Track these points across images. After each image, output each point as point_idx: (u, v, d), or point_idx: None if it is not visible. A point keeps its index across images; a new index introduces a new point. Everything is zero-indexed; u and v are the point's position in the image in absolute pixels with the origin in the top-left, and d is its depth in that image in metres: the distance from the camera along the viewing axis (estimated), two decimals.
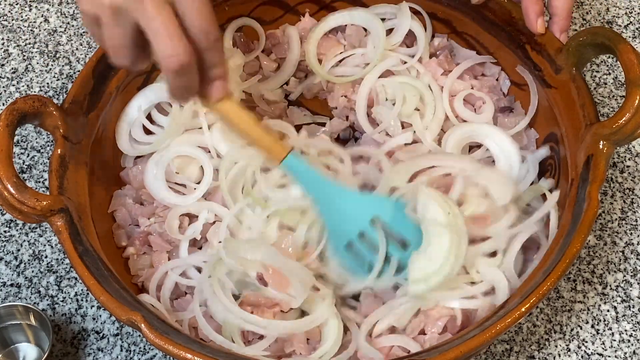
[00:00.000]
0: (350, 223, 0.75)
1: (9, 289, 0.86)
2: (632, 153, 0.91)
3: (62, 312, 0.84)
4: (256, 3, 0.91)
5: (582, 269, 0.85)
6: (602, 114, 0.94)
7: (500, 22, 0.84)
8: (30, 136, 0.96)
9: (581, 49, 0.76)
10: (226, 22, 0.91)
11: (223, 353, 0.68)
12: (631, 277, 0.84)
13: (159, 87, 0.86)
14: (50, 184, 0.74)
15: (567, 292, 0.83)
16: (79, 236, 0.72)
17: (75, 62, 1.01)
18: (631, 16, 1.02)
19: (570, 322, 0.82)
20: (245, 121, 0.72)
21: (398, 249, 0.75)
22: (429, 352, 0.66)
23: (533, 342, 0.81)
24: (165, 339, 0.65)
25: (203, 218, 0.80)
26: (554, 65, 0.80)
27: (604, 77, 0.97)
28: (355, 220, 0.75)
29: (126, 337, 0.82)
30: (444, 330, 0.74)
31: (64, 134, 0.76)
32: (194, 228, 0.80)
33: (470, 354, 0.66)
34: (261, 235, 0.77)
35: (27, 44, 1.03)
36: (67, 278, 0.86)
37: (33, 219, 0.71)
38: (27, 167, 0.93)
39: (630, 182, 0.90)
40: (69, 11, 1.05)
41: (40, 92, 0.99)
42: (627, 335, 0.81)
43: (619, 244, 0.86)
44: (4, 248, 0.88)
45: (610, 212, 0.88)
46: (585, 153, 0.73)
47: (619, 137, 0.72)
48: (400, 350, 0.73)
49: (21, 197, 0.69)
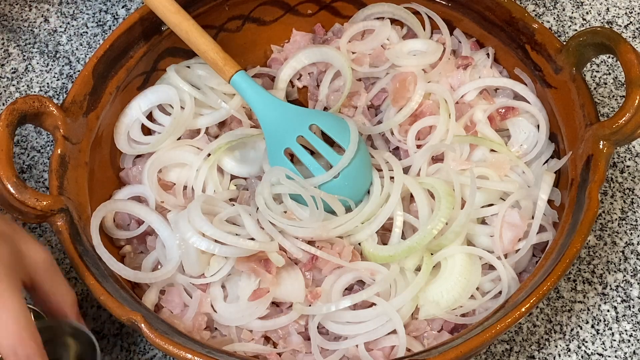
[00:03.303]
0: (290, 130, 0.79)
1: None
2: (632, 153, 0.91)
3: None
4: (256, 3, 0.91)
5: (582, 269, 0.85)
6: (602, 114, 0.94)
7: (500, 22, 0.84)
8: (30, 136, 0.96)
9: (581, 49, 0.76)
10: (226, 22, 0.91)
11: (223, 353, 0.68)
12: (631, 277, 0.84)
13: (159, 88, 0.86)
14: (50, 184, 0.74)
15: (567, 292, 0.83)
16: (79, 236, 0.73)
17: (75, 62, 1.01)
18: (631, 16, 1.02)
19: (570, 322, 0.82)
20: (203, 41, 0.80)
21: (333, 152, 0.78)
22: (429, 352, 0.66)
23: (533, 342, 0.81)
24: (165, 339, 0.65)
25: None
26: (554, 65, 0.80)
27: (604, 77, 0.97)
28: (295, 127, 0.79)
29: (126, 337, 0.82)
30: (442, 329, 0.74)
31: (64, 134, 0.76)
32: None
33: (470, 354, 0.66)
34: None
35: (27, 44, 1.03)
36: (67, 278, 0.86)
37: (33, 219, 0.71)
38: (27, 167, 0.93)
39: (630, 182, 0.90)
40: (69, 11, 1.05)
41: (40, 92, 0.99)
42: (627, 336, 0.81)
43: (619, 244, 0.86)
44: None
45: (610, 212, 0.88)
46: (585, 153, 0.73)
47: (619, 137, 0.72)
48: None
49: (21, 197, 0.69)
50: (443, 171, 0.80)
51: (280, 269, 0.75)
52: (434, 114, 0.83)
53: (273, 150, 0.80)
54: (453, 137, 0.82)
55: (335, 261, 0.75)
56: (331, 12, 0.94)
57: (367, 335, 0.73)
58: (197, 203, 0.76)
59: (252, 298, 0.74)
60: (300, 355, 0.74)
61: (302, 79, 0.93)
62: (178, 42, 0.83)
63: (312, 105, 0.91)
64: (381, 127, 0.85)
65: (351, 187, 0.78)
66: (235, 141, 0.84)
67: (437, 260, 0.76)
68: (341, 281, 0.76)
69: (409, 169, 0.82)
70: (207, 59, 0.81)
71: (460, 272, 0.74)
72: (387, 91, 0.87)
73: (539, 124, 0.83)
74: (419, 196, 0.78)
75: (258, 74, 0.93)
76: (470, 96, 0.85)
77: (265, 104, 0.81)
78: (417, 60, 0.86)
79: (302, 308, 0.74)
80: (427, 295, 0.74)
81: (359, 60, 0.89)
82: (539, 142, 0.82)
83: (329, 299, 0.75)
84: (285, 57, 0.93)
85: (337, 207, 0.77)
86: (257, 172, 0.84)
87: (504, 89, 0.86)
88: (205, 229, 0.73)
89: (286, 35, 0.95)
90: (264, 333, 0.75)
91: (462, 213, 0.75)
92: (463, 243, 0.76)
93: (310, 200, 0.76)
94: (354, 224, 0.77)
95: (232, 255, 0.74)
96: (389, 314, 0.72)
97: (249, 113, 0.87)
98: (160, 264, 0.78)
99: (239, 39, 0.92)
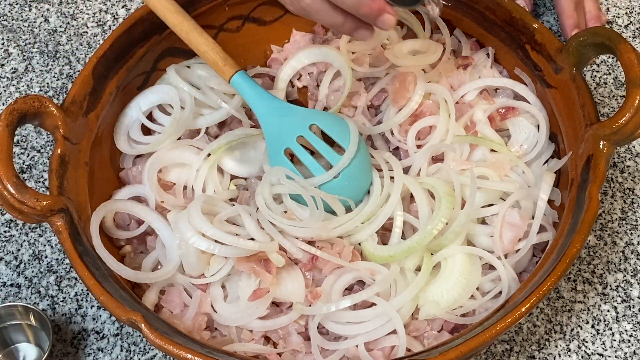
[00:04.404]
0: (290, 131, 0.79)
1: (9, 289, 0.86)
2: (632, 153, 0.91)
3: (62, 312, 0.84)
4: (256, 3, 0.91)
5: (582, 269, 0.85)
6: (602, 114, 0.94)
7: (500, 22, 0.84)
8: (30, 136, 0.95)
9: (581, 49, 0.76)
10: (226, 22, 0.91)
11: (223, 353, 0.68)
12: (631, 277, 0.84)
13: (159, 88, 0.86)
14: (50, 184, 0.74)
15: (567, 292, 0.83)
16: (79, 236, 0.72)
17: (75, 62, 1.01)
18: (631, 16, 1.02)
19: (571, 322, 0.82)
20: (203, 41, 0.80)
21: (333, 152, 0.78)
22: (429, 352, 0.66)
23: (533, 342, 0.81)
24: (165, 339, 0.65)
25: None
26: (554, 65, 0.80)
27: (604, 77, 0.97)
28: (295, 127, 0.79)
29: (126, 337, 0.82)
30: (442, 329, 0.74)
31: (64, 134, 0.76)
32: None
33: (470, 354, 0.66)
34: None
35: (27, 44, 1.03)
36: (67, 278, 0.86)
37: (33, 219, 0.71)
38: (27, 167, 0.93)
39: (630, 182, 0.90)
40: (69, 11, 1.05)
41: (40, 92, 0.99)
42: (627, 336, 0.81)
43: (619, 244, 0.86)
44: (4, 248, 0.88)
45: (610, 212, 0.88)
46: (586, 153, 0.73)
47: (619, 137, 0.72)
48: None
49: (21, 197, 0.69)
50: (443, 171, 0.80)
51: (280, 269, 0.75)
52: (434, 114, 0.83)
53: (273, 150, 0.80)
54: (453, 137, 0.82)
55: (335, 261, 0.75)
56: None
57: (367, 335, 0.73)
58: (197, 203, 0.76)
59: (252, 298, 0.74)
60: (300, 355, 0.74)
61: (302, 79, 0.93)
62: (178, 42, 0.83)
63: (312, 105, 0.91)
64: (381, 127, 0.85)
65: (351, 187, 0.78)
66: (235, 141, 0.84)
67: (437, 260, 0.76)
68: (341, 281, 0.76)
69: (409, 169, 0.82)
70: (207, 59, 0.81)
71: (460, 272, 0.74)
72: (387, 91, 0.87)
73: (539, 124, 0.82)
74: (419, 196, 0.78)
75: (258, 74, 0.93)
76: (470, 96, 0.85)
77: (265, 104, 0.81)
78: (417, 60, 0.86)
79: (302, 308, 0.74)
80: (427, 295, 0.74)
81: (359, 60, 0.89)
82: (539, 142, 0.82)
83: (329, 299, 0.75)
84: (285, 57, 0.93)
85: (337, 207, 0.77)
86: (257, 172, 0.84)
87: (504, 89, 0.86)
88: (205, 230, 0.73)
89: (286, 35, 0.95)
90: (264, 333, 0.75)
91: (462, 213, 0.75)
92: (463, 243, 0.76)
93: (310, 200, 0.76)
94: (354, 224, 0.77)
95: (232, 255, 0.74)
96: (389, 314, 0.72)
97: (249, 113, 0.87)
98: (160, 264, 0.78)
99: (239, 39, 0.92)
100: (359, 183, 0.79)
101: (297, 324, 0.75)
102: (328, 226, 0.76)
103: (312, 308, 0.74)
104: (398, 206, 0.78)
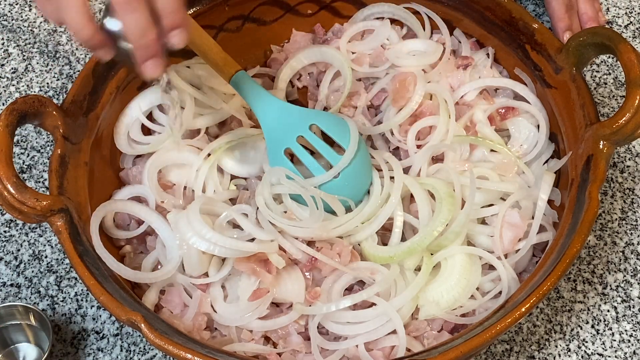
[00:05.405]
0: (290, 131, 0.79)
1: (9, 289, 0.86)
2: (632, 153, 0.91)
3: (62, 312, 0.84)
4: (256, 3, 0.91)
5: (582, 269, 0.85)
6: (602, 114, 0.94)
7: (500, 22, 0.84)
8: (30, 136, 0.95)
9: (581, 49, 0.76)
10: (226, 22, 0.91)
11: (223, 353, 0.68)
12: (631, 277, 0.84)
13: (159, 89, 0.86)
14: (50, 184, 0.74)
15: (567, 292, 0.83)
16: (79, 236, 0.72)
17: (75, 62, 1.01)
18: (631, 16, 1.02)
19: (571, 322, 0.82)
20: (203, 42, 0.80)
21: (333, 152, 0.78)
22: (429, 352, 0.66)
23: (533, 342, 0.81)
24: (165, 339, 0.65)
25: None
26: (554, 65, 0.80)
27: (604, 77, 0.97)
28: (295, 127, 0.79)
29: (126, 337, 0.82)
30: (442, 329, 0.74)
31: (64, 134, 0.76)
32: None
33: (470, 354, 0.66)
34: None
35: (27, 44, 1.03)
36: (67, 278, 0.86)
37: (33, 219, 0.71)
38: (27, 167, 0.93)
39: (630, 182, 0.90)
40: None
41: (40, 92, 0.99)
42: (627, 336, 0.81)
43: (619, 244, 0.86)
44: (4, 248, 0.88)
45: (610, 212, 0.88)
46: (586, 153, 0.73)
47: (619, 137, 0.72)
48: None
49: (21, 197, 0.69)
50: (443, 171, 0.80)
51: (280, 269, 0.75)
52: (434, 114, 0.83)
53: (273, 150, 0.80)
54: (453, 137, 0.82)
55: (332, 264, 0.75)
56: (331, 12, 0.94)
57: (367, 336, 0.73)
58: (196, 206, 0.76)
59: (252, 298, 0.74)
60: (300, 355, 0.74)
61: (302, 79, 0.93)
62: None
63: (312, 105, 0.91)
64: (381, 127, 0.85)
65: (351, 187, 0.78)
66: (235, 141, 0.84)
67: (437, 260, 0.76)
68: (341, 281, 0.76)
69: (409, 169, 0.82)
70: (207, 59, 0.81)
71: (460, 272, 0.74)
72: (387, 91, 0.87)
73: (539, 124, 0.82)
74: (419, 196, 0.78)
75: (258, 74, 0.93)
76: (470, 96, 0.85)
77: (265, 104, 0.81)
78: (417, 60, 0.86)
79: (302, 308, 0.74)
80: (427, 296, 0.74)
81: (359, 60, 0.89)
82: (539, 142, 0.82)
83: (329, 299, 0.75)
84: (285, 57, 0.93)
85: (337, 207, 0.77)
86: (257, 172, 0.84)
87: (504, 89, 0.86)
88: (204, 233, 0.73)
89: (286, 35, 0.95)
90: (264, 333, 0.75)
91: (462, 213, 0.75)
92: (463, 243, 0.76)
93: (310, 201, 0.76)
94: (354, 224, 0.77)
95: (232, 256, 0.74)
96: (389, 314, 0.72)
97: (249, 113, 0.87)
98: (160, 264, 0.78)
99: (239, 39, 0.92)
100: (359, 183, 0.79)
101: (297, 324, 0.75)
102: (328, 226, 0.76)
103: (312, 308, 0.74)
104: (398, 206, 0.78)
